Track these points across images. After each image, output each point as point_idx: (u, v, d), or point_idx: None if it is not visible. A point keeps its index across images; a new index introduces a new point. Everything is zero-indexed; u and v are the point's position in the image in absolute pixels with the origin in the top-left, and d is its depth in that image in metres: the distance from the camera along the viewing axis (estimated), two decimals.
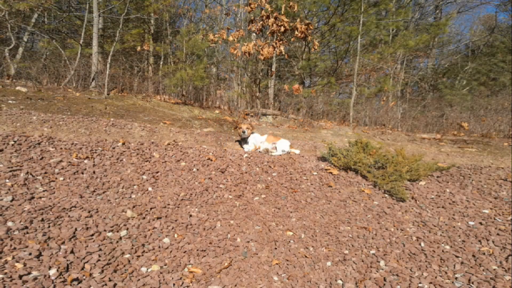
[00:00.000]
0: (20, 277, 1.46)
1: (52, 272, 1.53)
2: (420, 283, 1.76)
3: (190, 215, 2.31)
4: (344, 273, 1.87)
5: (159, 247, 1.92)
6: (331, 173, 3.31)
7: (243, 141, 4.15)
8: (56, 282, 1.48)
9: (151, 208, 2.29)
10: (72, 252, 1.71)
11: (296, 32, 5.69)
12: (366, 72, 9.12)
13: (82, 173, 2.59)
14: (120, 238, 1.93)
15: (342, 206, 2.68)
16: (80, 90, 5.64)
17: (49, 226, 1.88)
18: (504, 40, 10.88)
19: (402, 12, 8.89)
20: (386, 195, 2.92)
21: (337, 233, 2.30)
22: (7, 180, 2.26)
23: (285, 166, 3.42)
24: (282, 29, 5.65)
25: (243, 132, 3.99)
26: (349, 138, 5.21)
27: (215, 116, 5.84)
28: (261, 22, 5.83)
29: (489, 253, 2.03)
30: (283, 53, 5.97)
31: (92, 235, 1.88)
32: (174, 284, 1.63)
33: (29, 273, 1.49)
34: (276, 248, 2.07)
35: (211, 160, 3.32)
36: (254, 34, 7.31)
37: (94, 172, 2.64)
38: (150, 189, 2.59)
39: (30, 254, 1.61)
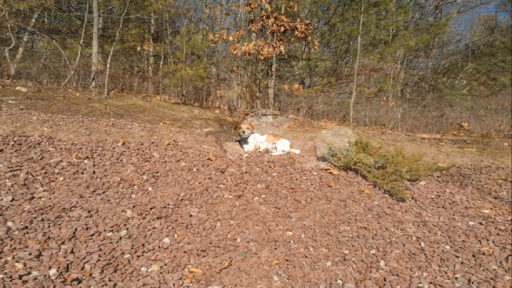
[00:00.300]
0: (20, 277, 1.46)
1: (52, 272, 1.53)
2: (420, 283, 1.76)
3: (190, 215, 2.32)
4: (344, 273, 1.87)
5: (159, 247, 1.92)
6: (331, 173, 3.31)
7: (243, 141, 4.15)
8: (56, 282, 1.48)
9: (151, 208, 2.29)
10: (72, 252, 1.71)
11: (296, 32, 5.68)
12: (366, 72, 9.11)
13: (82, 173, 2.59)
14: (120, 238, 1.93)
15: (342, 206, 2.68)
16: (80, 90, 5.64)
17: (49, 226, 1.88)
18: (504, 40, 10.86)
19: (402, 12, 8.89)
20: (386, 195, 2.92)
21: (337, 233, 2.30)
22: (7, 180, 2.26)
23: (285, 166, 3.42)
24: (282, 29, 5.64)
25: (243, 132, 3.99)
26: (349, 138, 5.21)
27: (215, 116, 5.84)
28: (261, 22, 5.82)
29: (489, 253, 2.03)
30: (283, 53, 5.96)
31: (92, 235, 1.89)
32: (174, 284, 1.63)
33: (29, 273, 1.49)
34: (276, 248, 2.07)
35: (211, 160, 3.32)
36: (254, 34, 7.30)
37: (94, 172, 2.64)
38: (150, 189, 2.59)
39: (30, 254, 1.61)
